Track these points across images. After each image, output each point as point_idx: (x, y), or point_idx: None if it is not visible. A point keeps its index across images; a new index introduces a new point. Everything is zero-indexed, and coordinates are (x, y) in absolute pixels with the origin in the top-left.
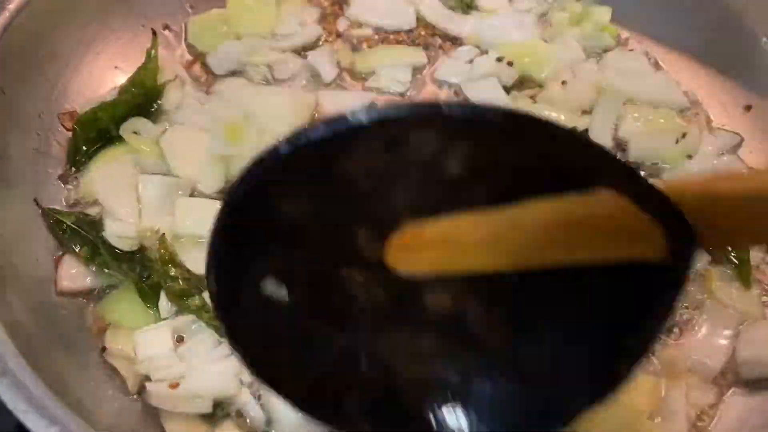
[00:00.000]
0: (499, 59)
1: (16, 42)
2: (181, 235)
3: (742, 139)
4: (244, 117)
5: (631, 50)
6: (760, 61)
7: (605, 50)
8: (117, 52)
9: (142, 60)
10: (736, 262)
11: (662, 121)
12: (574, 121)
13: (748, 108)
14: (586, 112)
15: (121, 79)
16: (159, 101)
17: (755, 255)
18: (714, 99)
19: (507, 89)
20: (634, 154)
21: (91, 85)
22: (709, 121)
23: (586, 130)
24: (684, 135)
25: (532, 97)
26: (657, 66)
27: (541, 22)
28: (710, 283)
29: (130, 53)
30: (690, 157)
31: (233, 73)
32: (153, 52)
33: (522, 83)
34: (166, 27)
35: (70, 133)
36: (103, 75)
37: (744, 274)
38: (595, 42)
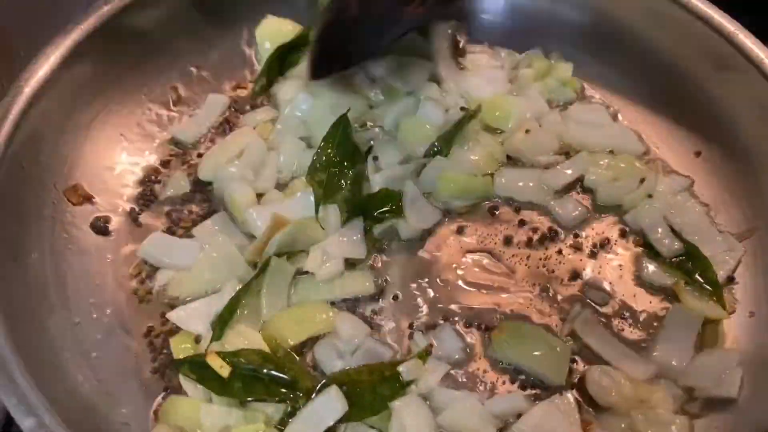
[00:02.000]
0: (462, 108)
1: (32, 123)
2: None
3: (693, 181)
4: None
5: (592, 102)
6: (707, 111)
7: (568, 102)
8: (120, 122)
9: (144, 127)
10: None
11: (623, 166)
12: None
13: (698, 154)
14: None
15: (127, 146)
16: None
17: None
18: (667, 146)
19: None
20: (602, 198)
21: (98, 153)
22: (664, 165)
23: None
24: (643, 180)
25: (501, 143)
26: (615, 117)
27: (511, 77)
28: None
29: (132, 124)
30: (650, 196)
31: None
32: None
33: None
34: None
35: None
36: (110, 143)
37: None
38: (559, 95)
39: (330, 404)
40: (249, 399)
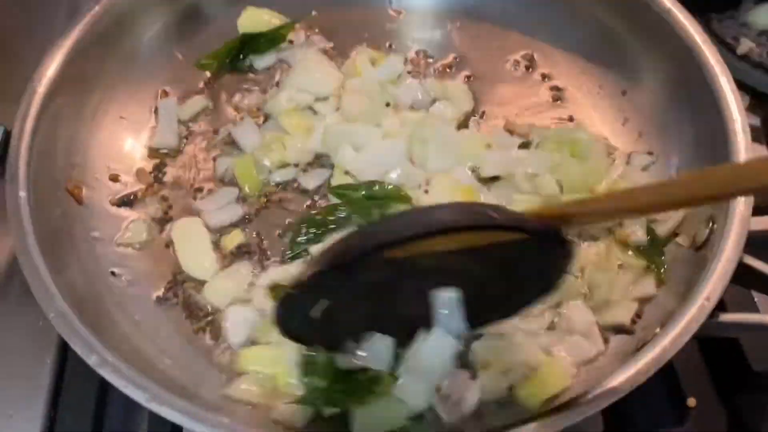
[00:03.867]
0: None
1: (47, 113)
2: None
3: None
4: None
5: None
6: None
7: None
8: (120, 104)
9: (146, 111)
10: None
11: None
12: None
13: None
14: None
15: (128, 128)
16: None
17: None
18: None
19: None
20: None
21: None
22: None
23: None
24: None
25: None
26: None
27: None
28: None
29: (132, 105)
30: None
31: None
32: None
33: None
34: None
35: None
36: (112, 127)
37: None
38: None
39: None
40: None
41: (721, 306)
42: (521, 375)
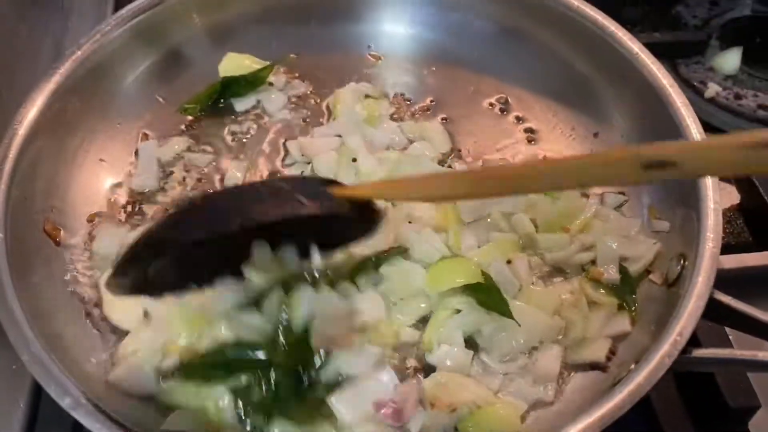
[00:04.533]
0: None
1: (27, 155)
2: None
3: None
4: None
5: None
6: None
7: None
8: (100, 147)
9: (126, 154)
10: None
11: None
12: None
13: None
14: None
15: (108, 170)
16: None
17: None
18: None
19: None
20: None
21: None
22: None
23: None
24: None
25: None
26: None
27: None
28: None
29: (112, 147)
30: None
31: None
32: None
33: None
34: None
35: None
36: (92, 169)
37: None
38: None
39: None
40: None
41: (695, 342)
42: (467, 414)
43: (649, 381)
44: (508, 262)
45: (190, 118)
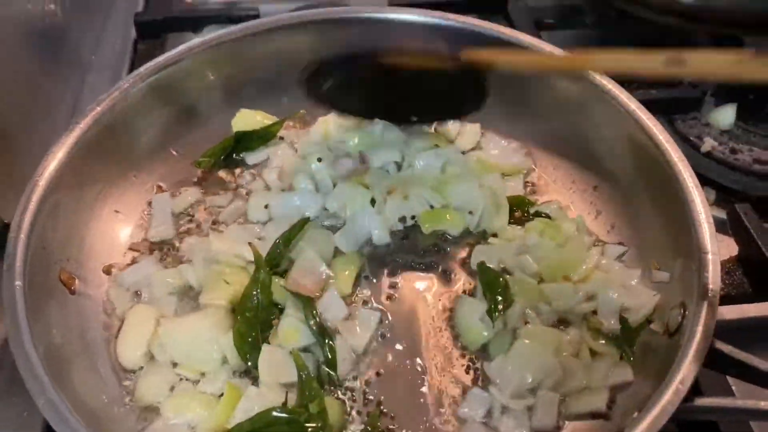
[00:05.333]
0: None
1: (46, 206)
2: None
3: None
4: None
5: None
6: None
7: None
8: (116, 198)
9: (140, 205)
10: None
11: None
12: None
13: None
14: None
15: (123, 221)
16: None
17: None
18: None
19: None
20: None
21: (98, 231)
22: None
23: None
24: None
25: None
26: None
27: None
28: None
29: (127, 199)
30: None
31: None
32: None
33: None
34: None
35: None
36: (108, 220)
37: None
38: None
39: None
40: None
41: (697, 390)
42: None
43: (652, 429)
44: None
45: (202, 170)
